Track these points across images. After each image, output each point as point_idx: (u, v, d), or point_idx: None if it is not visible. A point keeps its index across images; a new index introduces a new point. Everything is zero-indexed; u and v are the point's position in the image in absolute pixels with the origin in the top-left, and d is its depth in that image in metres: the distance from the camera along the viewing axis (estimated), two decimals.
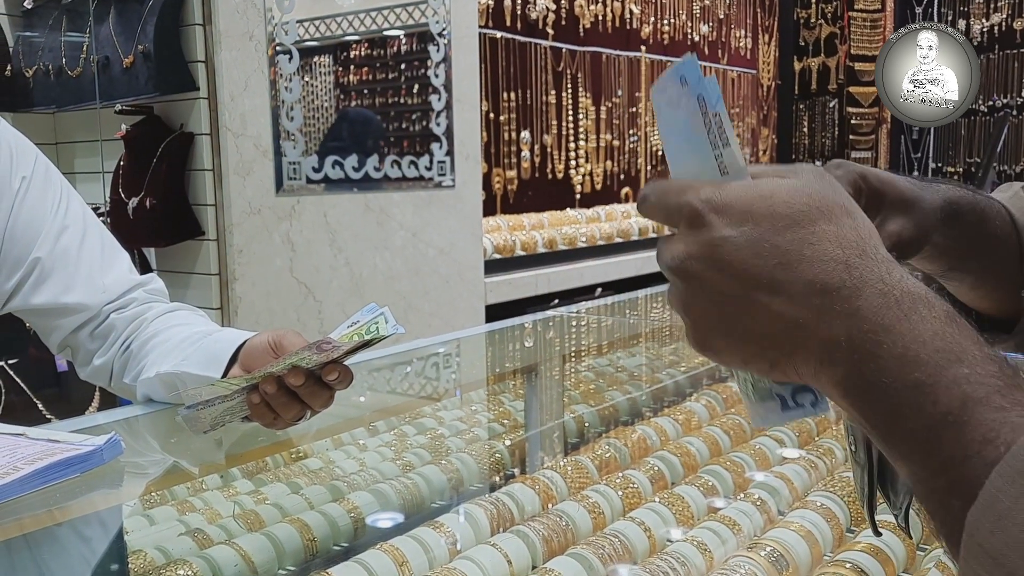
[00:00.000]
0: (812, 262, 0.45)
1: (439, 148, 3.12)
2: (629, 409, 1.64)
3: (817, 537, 0.97)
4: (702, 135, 0.47)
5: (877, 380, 0.43)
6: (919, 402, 0.42)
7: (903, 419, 0.42)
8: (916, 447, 0.42)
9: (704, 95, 0.47)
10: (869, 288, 0.44)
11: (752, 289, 0.46)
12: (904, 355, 0.42)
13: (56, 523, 0.92)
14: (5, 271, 1.13)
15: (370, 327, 0.90)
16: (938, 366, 0.42)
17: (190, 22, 2.50)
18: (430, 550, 0.94)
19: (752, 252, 0.46)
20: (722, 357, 0.50)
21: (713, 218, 0.47)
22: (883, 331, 0.43)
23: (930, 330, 0.43)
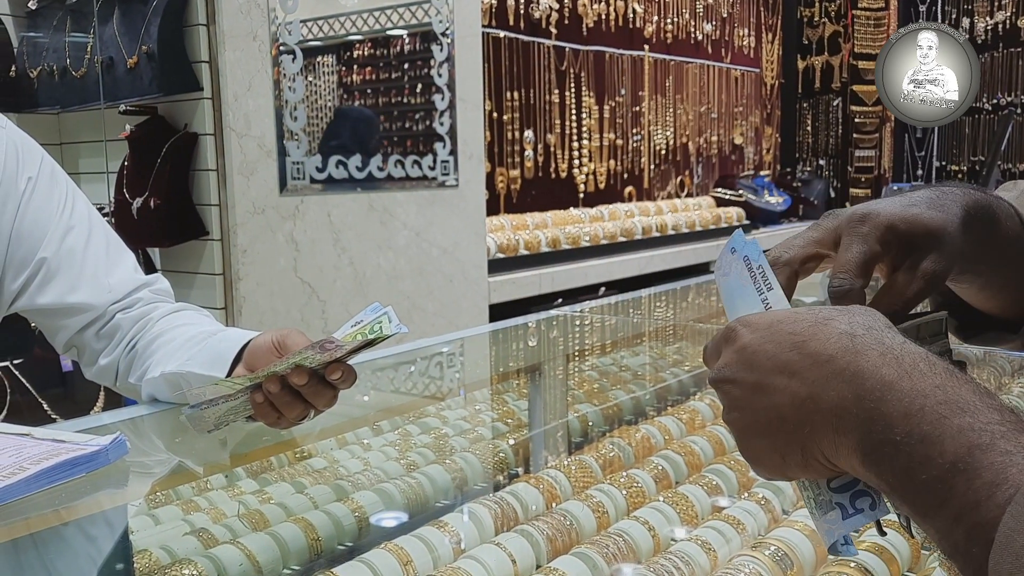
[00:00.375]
0: (821, 339, 0.49)
1: (442, 148, 3.12)
2: (633, 408, 1.64)
3: None
4: (749, 285, 0.56)
5: (887, 438, 0.45)
6: (928, 454, 0.43)
7: (916, 473, 0.44)
8: (931, 499, 0.44)
9: (748, 255, 0.55)
10: (870, 350, 0.47)
11: (772, 375, 0.50)
12: (909, 410, 0.44)
13: (62, 523, 0.93)
14: (11, 271, 1.14)
15: (373, 326, 0.90)
16: (942, 417, 0.43)
17: (194, 22, 2.51)
18: (434, 549, 0.94)
19: (772, 343, 0.51)
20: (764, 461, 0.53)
21: (743, 331, 0.53)
22: (886, 388, 0.45)
23: (931, 384, 0.45)
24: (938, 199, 0.63)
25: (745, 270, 0.55)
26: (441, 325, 3.07)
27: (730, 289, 0.57)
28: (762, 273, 0.55)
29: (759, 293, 0.55)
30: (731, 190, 5.42)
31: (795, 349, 0.49)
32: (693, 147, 5.58)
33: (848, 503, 0.53)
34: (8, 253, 1.13)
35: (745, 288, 0.56)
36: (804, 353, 0.49)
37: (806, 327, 0.50)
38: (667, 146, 5.32)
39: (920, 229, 0.61)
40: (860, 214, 0.60)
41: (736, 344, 0.53)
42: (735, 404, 0.53)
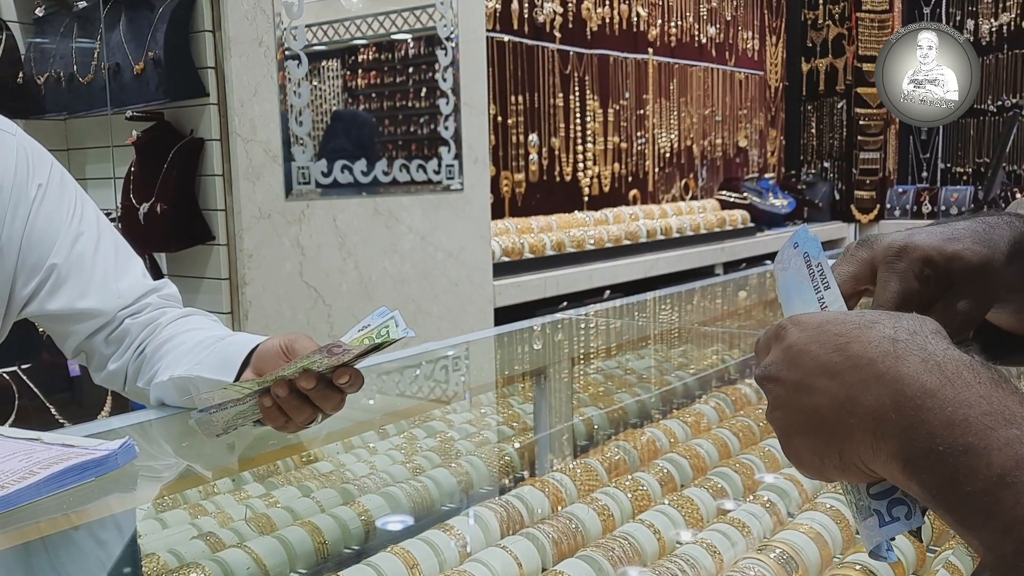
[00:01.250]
0: (863, 342, 0.48)
1: (447, 152, 3.13)
2: (638, 411, 1.64)
3: (827, 539, 0.97)
4: (807, 282, 0.55)
5: (930, 447, 0.43)
6: (973, 466, 0.42)
7: (960, 484, 0.42)
8: (976, 511, 0.42)
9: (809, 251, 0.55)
10: (911, 356, 0.46)
11: (813, 375, 0.50)
12: (952, 419, 0.43)
13: (72, 526, 0.93)
14: (22, 277, 1.14)
15: (380, 331, 0.91)
16: (988, 428, 0.42)
17: (200, 28, 2.52)
18: (440, 552, 0.94)
19: (817, 343, 0.50)
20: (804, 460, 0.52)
21: (792, 330, 0.52)
22: (927, 395, 0.44)
23: (976, 394, 0.43)
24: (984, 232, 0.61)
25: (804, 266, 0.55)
26: (446, 329, 3.07)
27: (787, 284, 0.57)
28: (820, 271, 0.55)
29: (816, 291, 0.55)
30: (736, 193, 5.42)
31: (837, 351, 0.48)
32: (697, 150, 5.58)
33: (885, 511, 0.52)
34: (19, 259, 1.14)
35: (802, 284, 0.56)
36: (846, 355, 0.48)
37: (851, 329, 0.49)
38: (671, 149, 5.32)
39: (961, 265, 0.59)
40: (897, 247, 0.59)
41: (784, 342, 0.52)
42: (777, 402, 0.53)
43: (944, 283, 0.59)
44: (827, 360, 0.49)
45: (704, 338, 2.19)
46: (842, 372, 0.48)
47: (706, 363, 1.98)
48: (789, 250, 0.56)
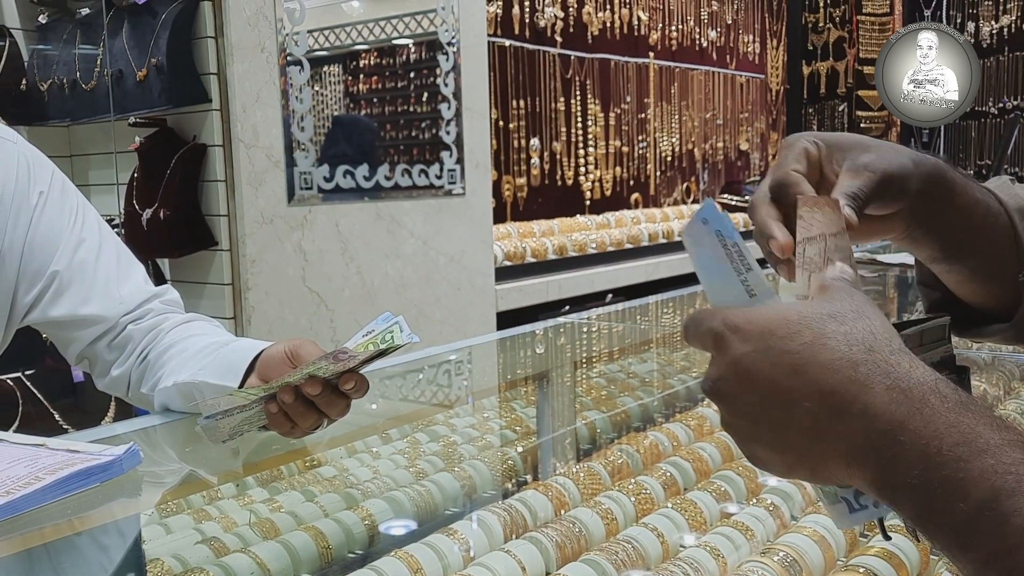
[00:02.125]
0: (821, 365, 0.46)
1: (449, 156, 3.14)
2: (641, 415, 1.64)
3: (830, 542, 0.97)
4: (726, 264, 0.52)
5: (904, 480, 0.43)
6: (950, 498, 0.42)
7: (938, 515, 0.42)
8: (956, 541, 0.42)
9: (721, 230, 0.51)
10: (876, 383, 0.44)
11: (774, 400, 0.47)
12: (926, 452, 0.42)
13: (75, 532, 0.93)
14: (24, 285, 1.15)
15: (385, 336, 0.91)
16: (962, 459, 0.42)
17: (202, 35, 2.53)
18: (444, 557, 0.94)
19: (768, 363, 0.47)
20: (772, 469, 0.51)
21: (732, 338, 0.49)
22: (899, 429, 0.43)
23: (945, 423, 0.43)
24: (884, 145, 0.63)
25: (719, 246, 0.51)
26: (449, 333, 3.08)
27: (705, 262, 0.53)
28: (738, 252, 0.51)
29: (738, 274, 0.51)
30: (737, 196, 5.42)
31: (795, 374, 0.46)
32: (699, 153, 5.58)
33: (853, 499, 0.52)
34: (21, 267, 1.14)
35: (722, 266, 0.52)
36: (805, 380, 0.46)
37: (802, 346, 0.46)
38: (673, 153, 5.33)
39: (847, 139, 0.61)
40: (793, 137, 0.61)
41: (728, 355, 0.49)
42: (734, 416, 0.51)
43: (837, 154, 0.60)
44: (786, 385, 0.47)
45: None
46: (805, 399, 0.46)
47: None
48: (698, 225, 0.52)
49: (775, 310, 0.49)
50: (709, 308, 0.53)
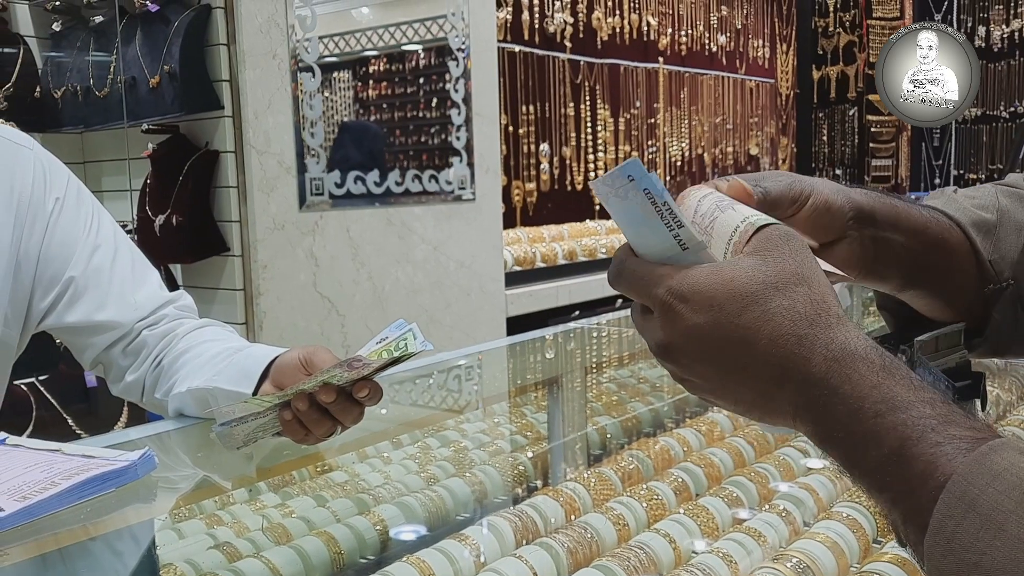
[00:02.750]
0: (769, 338, 0.51)
1: (459, 162, 3.14)
2: (652, 420, 1.64)
3: (843, 548, 0.97)
4: (656, 220, 0.53)
5: (835, 433, 0.51)
6: (868, 447, 0.49)
7: (860, 462, 0.50)
8: (872, 484, 0.50)
9: (650, 188, 0.52)
10: (816, 356, 0.51)
11: (726, 367, 0.53)
12: (851, 410, 0.49)
13: (90, 537, 0.94)
14: (40, 291, 1.15)
15: (399, 343, 0.91)
16: (879, 415, 0.48)
17: (215, 42, 2.54)
18: (456, 562, 0.95)
19: (719, 336, 0.52)
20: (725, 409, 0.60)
21: (682, 308, 0.53)
22: (832, 393, 0.50)
23: (869, 383, 0.49)
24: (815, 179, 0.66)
25: (648, 204, 0.52)
26: (459, 338, 3.08)
27: (631, 216, 0.53)
28: (669, 210, 0.52)
29: (670, 230, 0.53)
30: None
31: (745, 345, 0.52)
32: (709, 158, 5.58)
33: None
34: (37, 273, 1.15)
35: (651, 221, 0.53)
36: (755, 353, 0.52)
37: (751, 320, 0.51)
38: (683, 157, 5.32)
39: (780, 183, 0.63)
40: None
41: (678, 324, 0.53)
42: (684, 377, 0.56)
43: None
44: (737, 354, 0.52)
45: None
46: (755, 368, 0.52)
47: None
48: (622, 180, 0.52)
49: (719, 278, 0.52)
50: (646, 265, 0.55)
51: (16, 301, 1.14)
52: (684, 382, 0.57)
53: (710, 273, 0.53)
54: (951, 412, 0.48)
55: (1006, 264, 0.71)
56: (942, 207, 0.72)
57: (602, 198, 0.54)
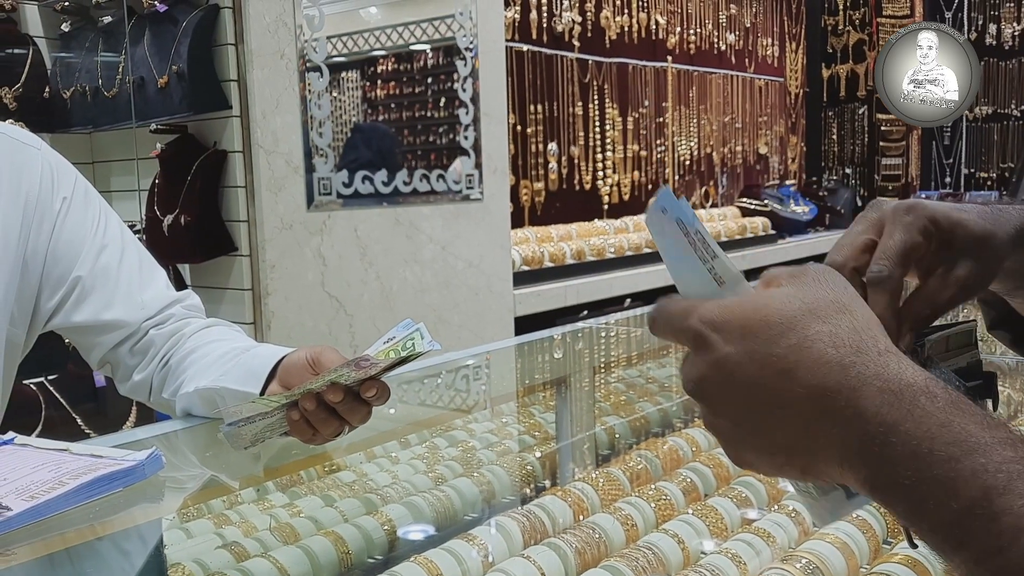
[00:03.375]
0: (810, 367, 0.45)
1: (467, 161, 3.14)
2: (660, 420, 1.64)
3: (853, 549, 0.96)
4: (691, 253, 0.50)
5: (897, 480, 0.43)
6: (941, 498, 0.42)
7: (929, 514, 0.43)
8: (947, 539, 0.42)
9: (681, 218, 0.49)
10: (868, 387, 0.44)
11: (761, 403, 0.47)
12: (917, 452, 0.43)
13: (98, 537, 0.94)
14: (47, 290, 1.16)
15: (406, 343, 0.91)
16: (953, 459, 0.42)
17: (223, 42, 2.55)
18: (464, 562, 0.94)
19: (754, 366, 0.47)
20: (758, 468, 0.51)
21: (714, 337, 0.48)
22: (890, 431, 0.43)
23: (936, 423, 0.43)
24: (991, 212, 0.61)
25: (681, 235, 0.50)
26: (467, 338, 3.08)
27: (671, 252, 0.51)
28: (701, 240, 0.50)
29: (703, 263, 0.50)
30: (756, 200, 5.39)
31: (783, 377, 0.46)
32: (717, 157, 5.56)
33: None
34: (44, 272, 1.15)
35: (687, 257, 0.50)
36: (795, 383, 0.46)
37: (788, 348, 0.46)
38: (691, 157, 5.31)
39: (963, 231, 0.59)
40: (906, 205, 0.59)
41: (709, 355, 0.49)
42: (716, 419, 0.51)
43: (945, 246, 0.59)
44: (774, 388, 0.46)
45: None
46: (795, 402, 0.46)
47: None
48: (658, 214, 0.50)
49: (752, 305, 0.48)
50: (680, 301, 0.52)
51: (23, 300, 1.14)
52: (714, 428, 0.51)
53: (743, 301, 0.49)
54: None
55: None
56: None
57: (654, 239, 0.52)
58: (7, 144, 1.14)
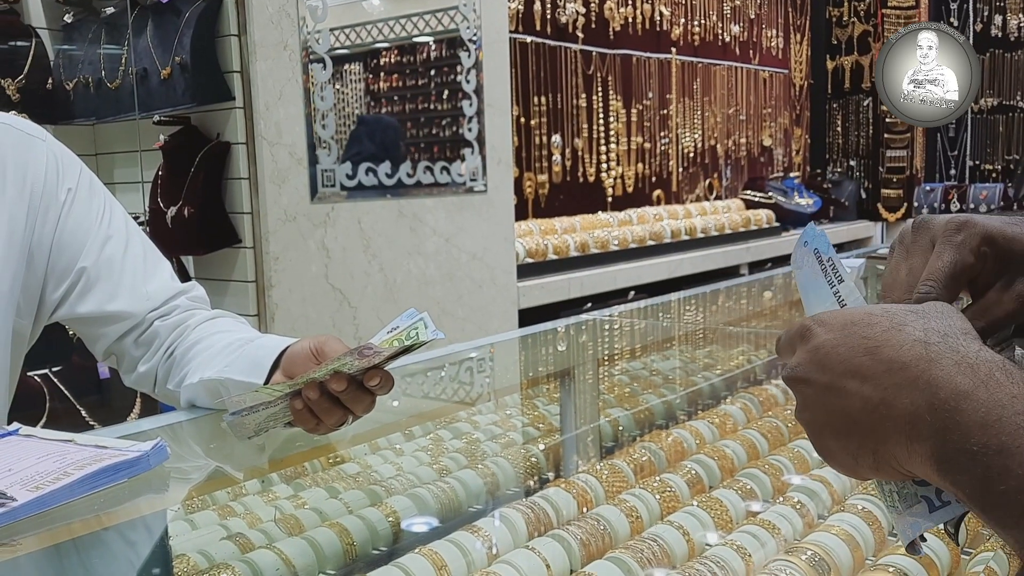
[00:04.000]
0: (894, 346, 0.48)
1: (471, 153, 3.14)
2: (664, 413, 1.64)
3: (859, 541, 0.96)
4: (820, 278, 0.56)
5: (964, 447, 0.44)
6: (1007, 465, 0.42)
7: (994, 483, 0.43)
8: (1011, 510, 0.42)
9: (818, 248, 0.55)
10: (944, 359, 0.46)
11: (844, 378, 0.49)
12: (986, 420, 0.43)
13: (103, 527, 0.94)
14: (52, 281, 1.16)
15: (410, 332, 0.91)
16: (1020, 428, 0.42)
17: (226, 33, 2.54)
18: (468, 554, 0.94)
19: (846, 347, 0.50)
20: (837, 459, 0.53)
21: (818, 329, 0.52)
22: (961, 397, 0.44)
23: (1008, 394, 0.43)
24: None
25: (816, 263, 0.56)
26: (470, 330, 3.08)
27: (805, 282, 0.58)
28: (832, 265, 0.55)
29: (830, 285, 0.55)
30: (760, 192, 5.38)
31: (868, 354, 0.48)
32: (721, 149, 5.55)
33: (934, 495, 0.52)
34: (49, 263, 1.15)
35: (817, 281, 0.56)
36: (877, 359, 0.48)
37: (880, 332, 0.49)
38: (695, 149, 5.29)
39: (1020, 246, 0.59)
40: (957, 223, 0.58)
41: (810, 343, 0.52)
42: (807, 404, 0.53)
43: (1001, 264, 0.59)
44: (858, 363, 0.49)
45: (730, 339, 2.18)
46: (874, 376, 0.48)
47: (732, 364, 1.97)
48: (801, 248, 0.57)
49: (860, 309, 0.52)
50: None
51: (29, 291, 1.14)
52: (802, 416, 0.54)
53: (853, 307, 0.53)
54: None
55: None
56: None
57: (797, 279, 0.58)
58: (12, 135, 1.14)
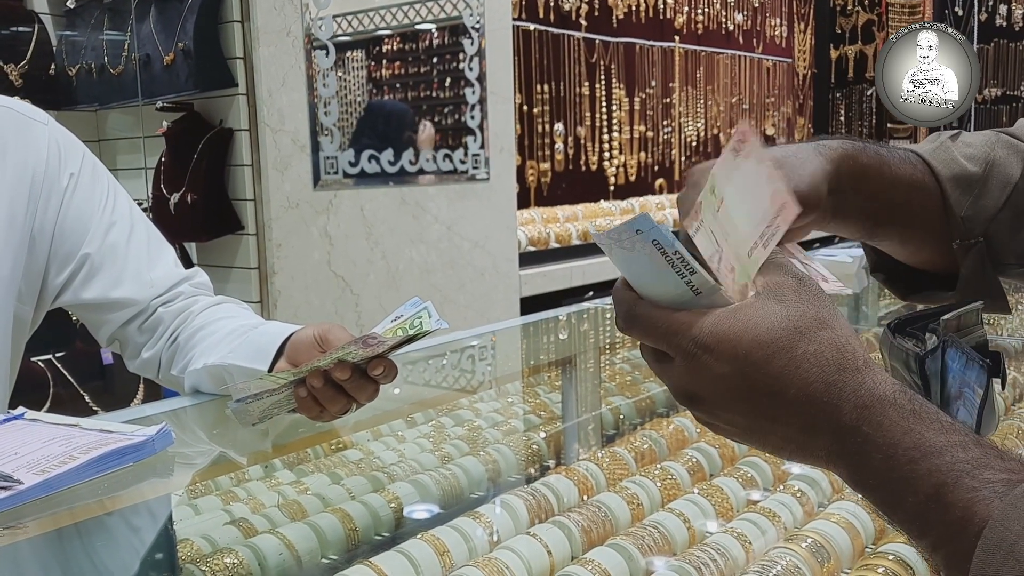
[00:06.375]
0: (799, 388, 0.51)
1: (473, 141, 3.13)
2: (665, 401, 1.64)
3: (859, 528, 0.96)
4: (667, 269, 0.52)
5: (869, 480, 0.51)
6: (903, 493, 0.49)
7: (896, 508, 0.50)
8: (911, 530, 0.50)
9: (659, 239, 0.51)
10: (846, 403, 0.51)
11: (754, 419, 0.53)
12: (885, 458, 0.50)
13: (107, 512, 0.95)
14: (55, 267, 1.16)
15: (414, 322, 0.91)
16: (913, 461, 0.49)
17: (229, 19, 2.54)
18: (470, 540, 0.95)
19: (747, 386, 0.52)
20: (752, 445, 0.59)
21: (707, 357, 0.53)
22: (865, 440, 0.50)
23: (900, 429, 0.50)
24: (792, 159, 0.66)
25: (658, 255, 0.52)
26: (472, 318, 3.08)
27: (639, 266, 0.54)
28: (681, 259, 0.52)
29: (682, 277, 0.52)
30: None
31: (774, 397, 0.52)
32: (724, 138, 5.53)
33: None
34: (52, 249, 1.15)
35: (663, 272, 0.52)
36: (784, 401, 0.52)
37: (778, 371, 0.51)
38: (698, 138, 5.28)
39: None
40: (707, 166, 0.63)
41: (704, 374, 0.53)
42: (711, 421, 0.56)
43: None
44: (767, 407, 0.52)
45: None
46: (785, 417, 0.52)
47: None
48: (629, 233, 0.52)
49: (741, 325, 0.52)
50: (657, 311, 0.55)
51: (31, 277, 1.14)
52: (710, 426, 0.57)
53: (732, 320, 0.52)
54: (984, 455, 0.48)
55: (980, 220, 0.71)
56: (928, 156, 0.72)
57: (605, 249, 0.54)
58: (13, 119, 1.14)
